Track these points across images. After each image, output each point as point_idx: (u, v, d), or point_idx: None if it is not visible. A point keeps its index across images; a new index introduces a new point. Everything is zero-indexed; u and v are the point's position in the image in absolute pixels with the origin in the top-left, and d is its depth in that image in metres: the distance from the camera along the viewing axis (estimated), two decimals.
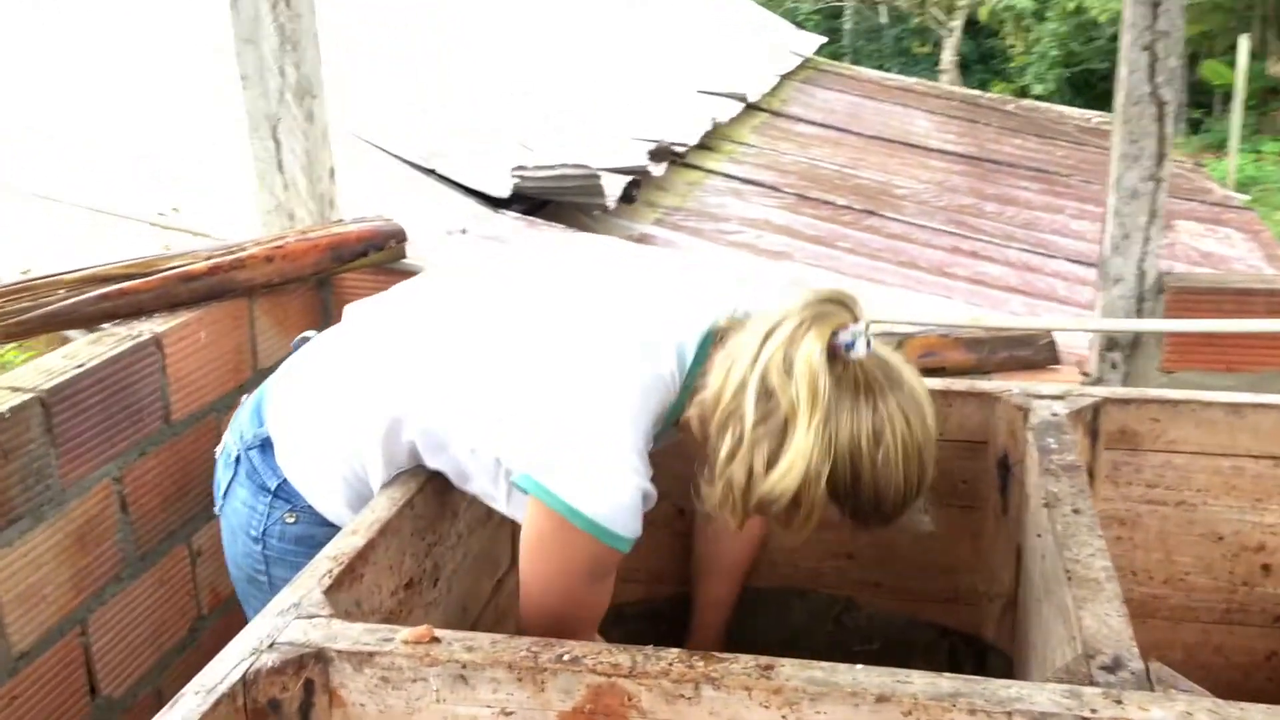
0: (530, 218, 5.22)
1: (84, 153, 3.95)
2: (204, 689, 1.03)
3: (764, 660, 1.05)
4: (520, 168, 5.44)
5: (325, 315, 2.35)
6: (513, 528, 1.77)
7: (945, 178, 7.49)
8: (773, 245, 6.49)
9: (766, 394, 1.22)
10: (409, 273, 2.31)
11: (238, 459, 1.47)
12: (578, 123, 7.15)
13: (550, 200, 5.50)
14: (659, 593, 1.86)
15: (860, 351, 1.23)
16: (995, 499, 1.67)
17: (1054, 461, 1.44)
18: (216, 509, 1.52)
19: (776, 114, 10.49)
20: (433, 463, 1.41)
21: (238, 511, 1.47)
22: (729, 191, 7.90)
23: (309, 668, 1.08)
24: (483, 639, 1.09)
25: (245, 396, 1.58)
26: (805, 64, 12.47)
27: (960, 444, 1.69)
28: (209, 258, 2.02)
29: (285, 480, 1.44)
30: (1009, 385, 1.66)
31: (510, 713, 1.07)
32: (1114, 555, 1.64)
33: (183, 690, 1.03)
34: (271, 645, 1.09)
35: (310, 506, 1.44)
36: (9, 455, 1.57)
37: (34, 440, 1.61)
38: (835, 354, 1.22)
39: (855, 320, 1.24)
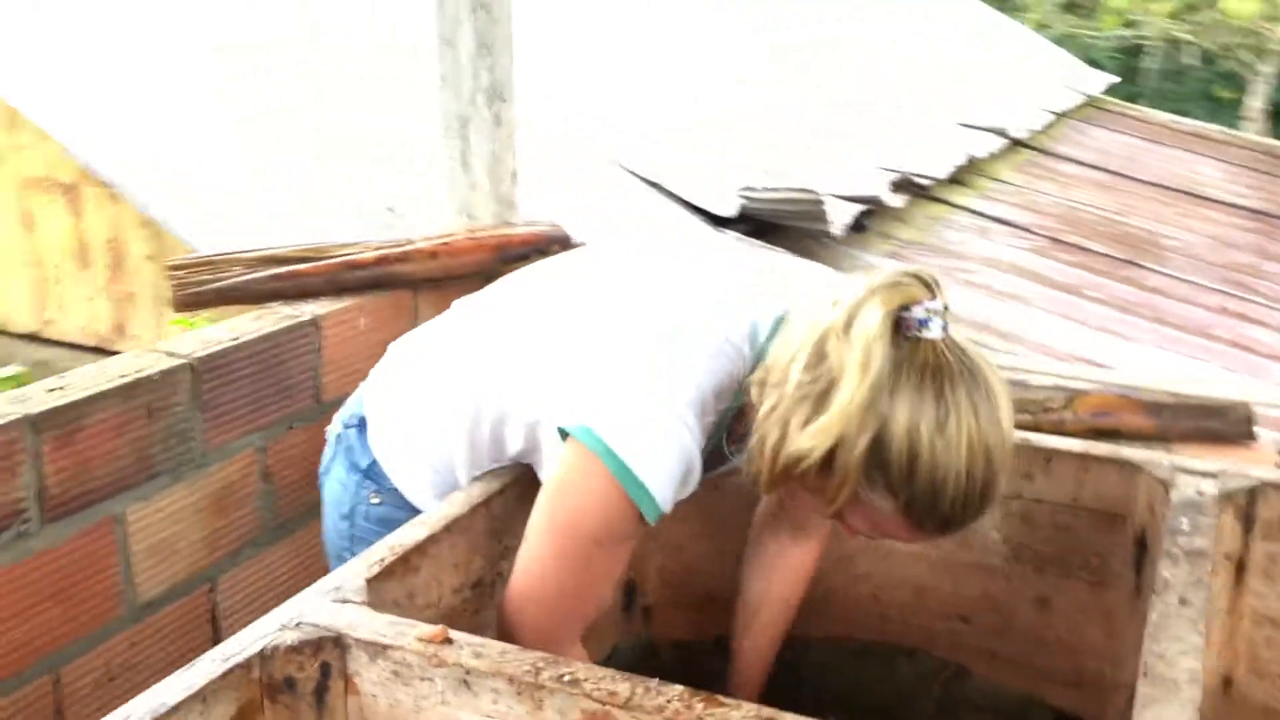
0: (752, 239, 5.21)
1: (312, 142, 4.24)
2: (222, 657, 1.06)
3: (766, 711, 0.98)
4: (748, 188, 5.42)
5: None
6: None
7: (1225, 232, 6.94)
8: (1010, 288, 6.19)
9: (820, 356, 1.17)
10: None
11: (339, 436, 1.53)
12: (819, 146, 7.07)
13: (776, 224, 5.46)
14: None
15: (934, 332, 1.15)
16: (1130, 578, 1.51)
17: (1179, 544, 1.28)
18: (320, 484, 1.58)
19: (1044, 152, 10.01)
20: (512, 449, 1.41)
21: (332, 488, 1.52)
22: (974, 229, 7.60)
23: (327, 651, 1.10)
24: (494, 647, 1.07)
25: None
26: (1088, 102, 11.85)
27: (1097, 514, 1.54)
28: (377, 249, 2.11)
29: (375, 461, 1.47)
30: (1158, 456, 1.50)
31: None
32: (1263, 660, 1.46)
33: (205, 654, 1.07)
34: (297, 625, 1.11)
35: (396, 489, 1.47)
36: (154, 414, 1.68)
37: (180, 403, 1.73)
38: (904, 328, 1.15)
39: (933, 298, 1.16)
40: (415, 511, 1.44)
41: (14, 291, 4.39)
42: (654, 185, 5.39)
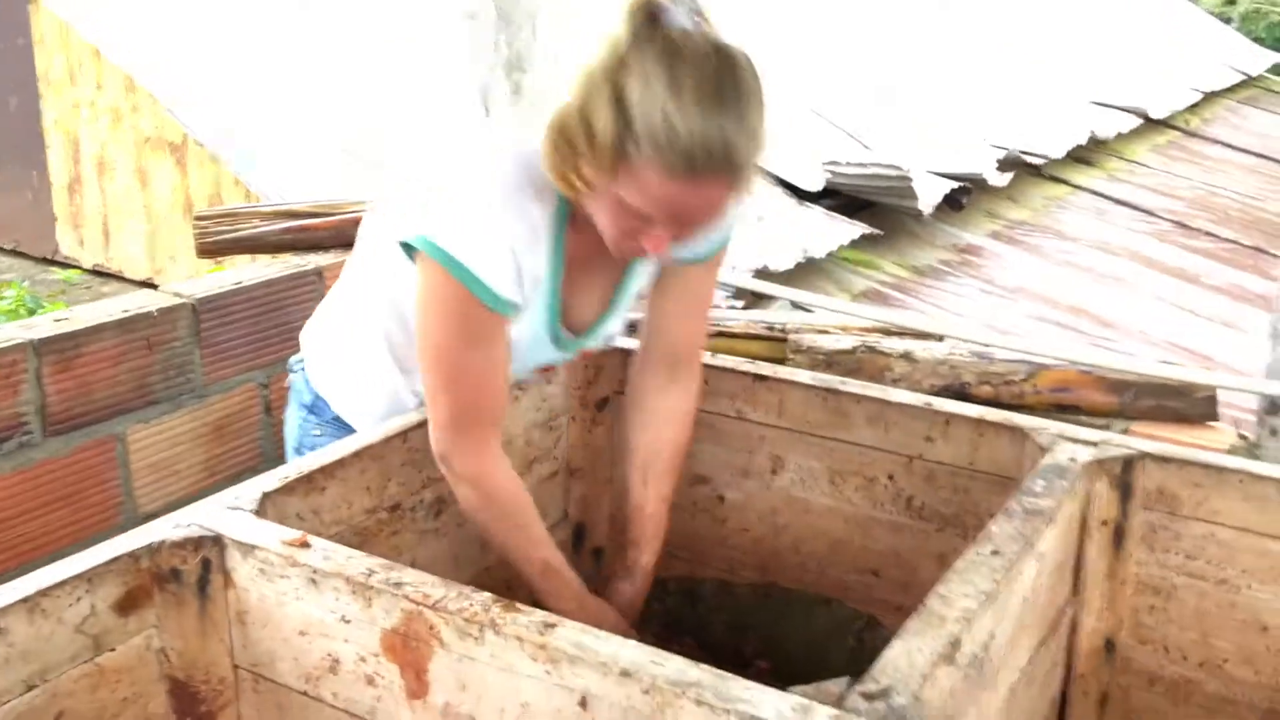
0: (838, 215, 5.22)
1: None
2: (113, 548, 1.24)
3: (551, 619, 1.10)
4: (833, 162, 5.44)
5: None
6: (564, 481, 1.88)
7: None
8: (1116, 271, 6.03)
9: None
10: None
11: (289, 380, 1.70)
12: (923, 119, 6.98)
13: (864, 199, 5.45)
14: (700, 573, 1.90)
15: (681, 20, 1.28)
16: None
17: (1023, 503, 1.35)
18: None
19: (1189, 133, 9.64)
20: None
21: (286, 428, 1.70)
22: (1092, 210, 7.41)
23: (207, 548, 1.26)
24: (340, 552, 1.22)
25: None
26: (1249, 82, 11.30)
27: (990, 476, 1.60)
28: None
29: (316, 395, 1.64)
30: (1045, 424, 1.55)
31: (348, 620, 1.19)
32: (1146, 627, 1.51)
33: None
34: (189, 525, 1.28)
35: (338, 418, 1.63)
36: (153, 348, 1.89)
37: (179, 339, 1.93)
38: (659, 24, 1.29)
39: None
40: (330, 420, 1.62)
41: (130, 242, 4.77)
42: None
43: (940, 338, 2.26)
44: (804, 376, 1.77)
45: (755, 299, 3.99)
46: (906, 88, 7.51)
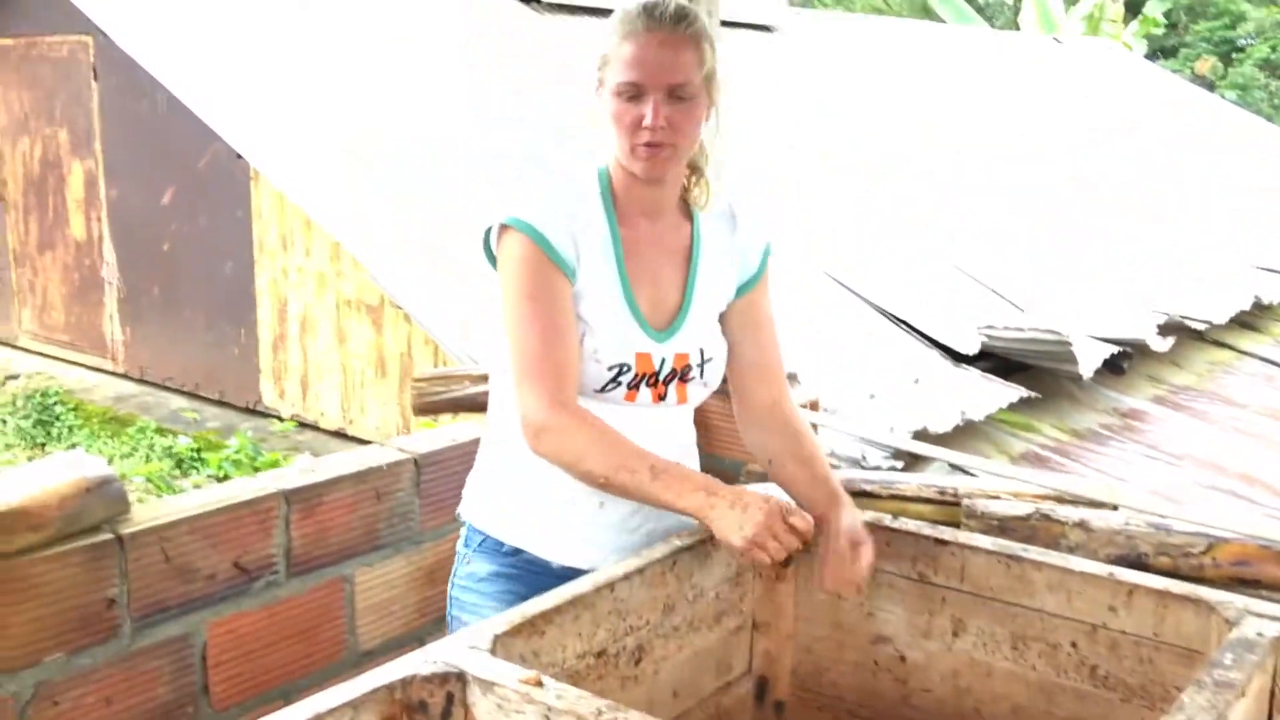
0: (995, 377, 5.27)
1: None
2: (373, 679, 1.40)
3: None
4: (989, 326, 5.51)
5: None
6: (749, 636, 1.98)
7: None
8: None
9: None
10: None
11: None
12: (1079, 283, 6.99)
13: (1021, 362, 5.49)
14: None
15: None
16: None
17: (1213, 675, 1.40)
18: None
19: None
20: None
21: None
22: (1260, 376, 7.24)
23: (451, 684, 1.41)
24: (571, 692, 1.36)
25: None
26: None
27: (1176, 649, 1.64)
28: None
29: (467, 525, 1.84)
30: (1233, 598, 1.60)
31: None
32: None
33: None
34: (434, 661, 1.44)
35: (483, 534, 1.80)
36: (381, 498, 2.09)
37: (403, 490, 2.13)
38: None
39: None
40: (499, 552, 1.78)
41: (326, 395, 5.14)
42: (888, 315, 5.57)
43: (1114, 506, 2.31)
44: (984, 542, 1.85)
45: (914, 460, 4.05)
46: (1060, 248, 7.56)
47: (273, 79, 5.97)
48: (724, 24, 8.90)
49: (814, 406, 2.60)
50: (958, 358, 5.30)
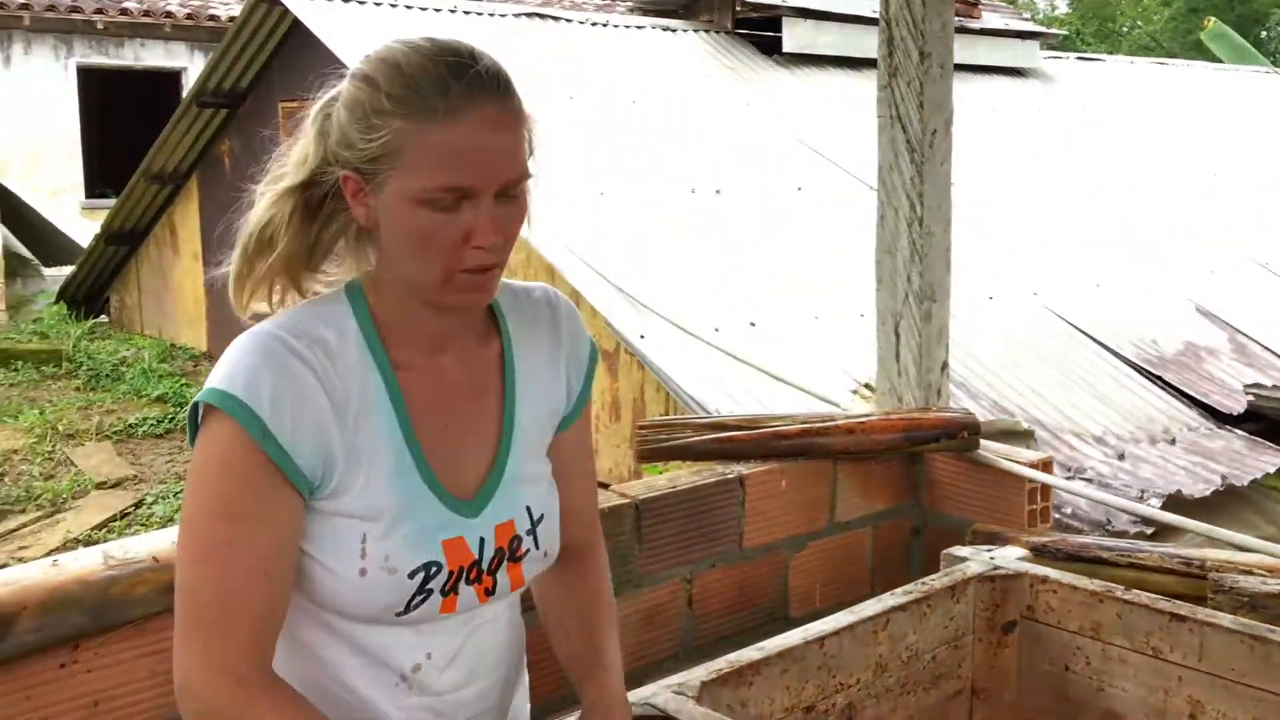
0: (1263, 441, 4.89)
1: None
2: None
3: None
4: (1256, 385, 5.12)
5: (914, 488, 2.67)
6: (969, 702, 1.93)
7: None
8: None
9: None
10: (982, 464, 2.54)
11: None
12: None
13: None
14: None
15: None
16: None
17: None
18: None
19: None
20: None
21: None
22: None
23: None
24: None
25: None
26: None
27: None
28: (803, 423, 2.48)
29: None
30: None
31: None
32: None
33: None
34: (642, 704, 1.48)
35: None
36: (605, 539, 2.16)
37: (625, 534, 2.19)
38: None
39: None
40: None
41: None
42: (1142, 371, 5.26)
43: None
44: (1226, 620, 1.73)
45: (1165, 528, 3.81)
46: None
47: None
48: (979, 68, 8.71)
49: (1046, 467, 2.51)
50: (1221, 418, 4.95)
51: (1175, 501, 4.09)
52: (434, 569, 1.19)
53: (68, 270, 10.66)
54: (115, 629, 1.49)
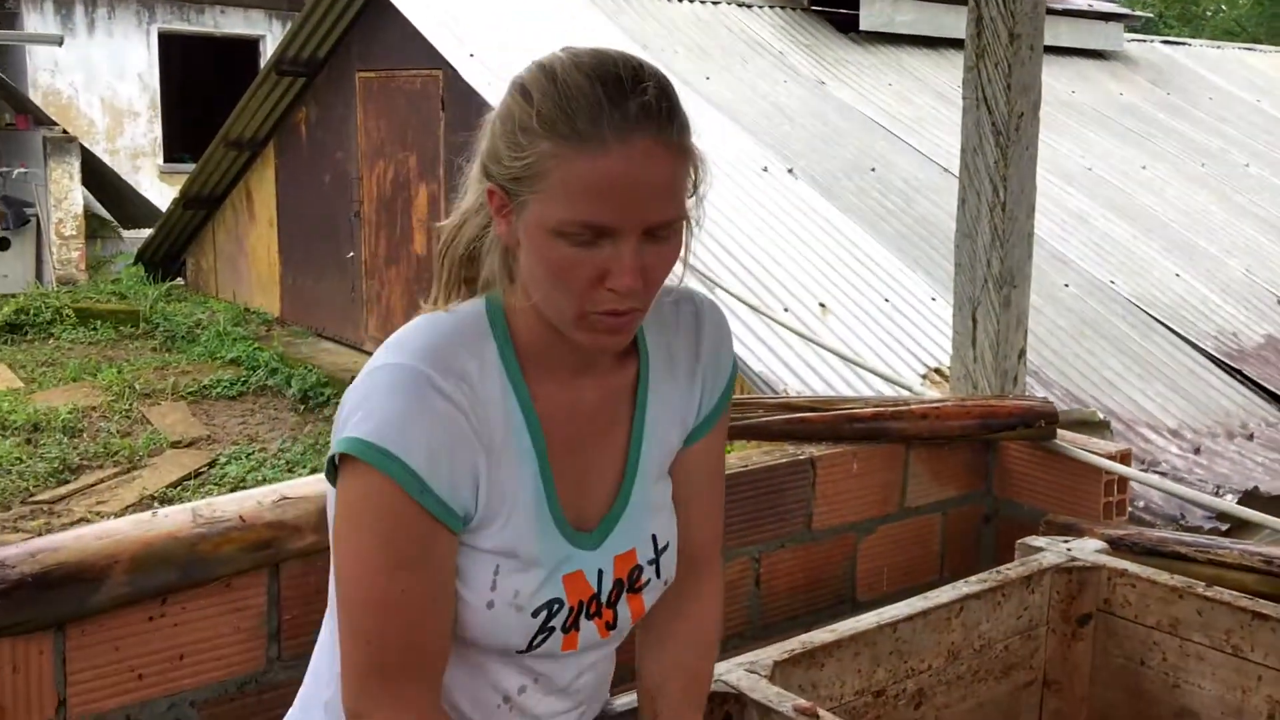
0: None
1: None
2: None
3: None
4: None
5: (986, 475, 2.64)
6: (1040, 694, 1.91)
7: None
8: None
9: None
10: (1058, 454, 2.50)
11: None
12: None
13: None
14: None
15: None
16: None
17: None
18: None
19: None
20: None
21: None
22: None
23: (730, 704, 1.46)
24: None
25: None
26: None
27: None
28: (877, 406, 2.46)
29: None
30: None
31: None
32: None
33: None
34: (716, 681, 1.48)
35: None
36: None
37: None
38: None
39: None
40: None
41: None
42: (1202, 349, 5.15)
43: None
44: None
45: (1241, 525, 3.73)
46: None
47: None
48: (1061, 50, 8.57)
49: (1124, 459, 2.46)
50: None
51: (1252, 498, 4.00)
52: (556, 606, 1.16)
53: (146, 233, 10.90)
54: (202, 585, 1.53)
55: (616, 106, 1.03)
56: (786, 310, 4.85)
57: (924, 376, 4.32)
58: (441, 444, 1.07)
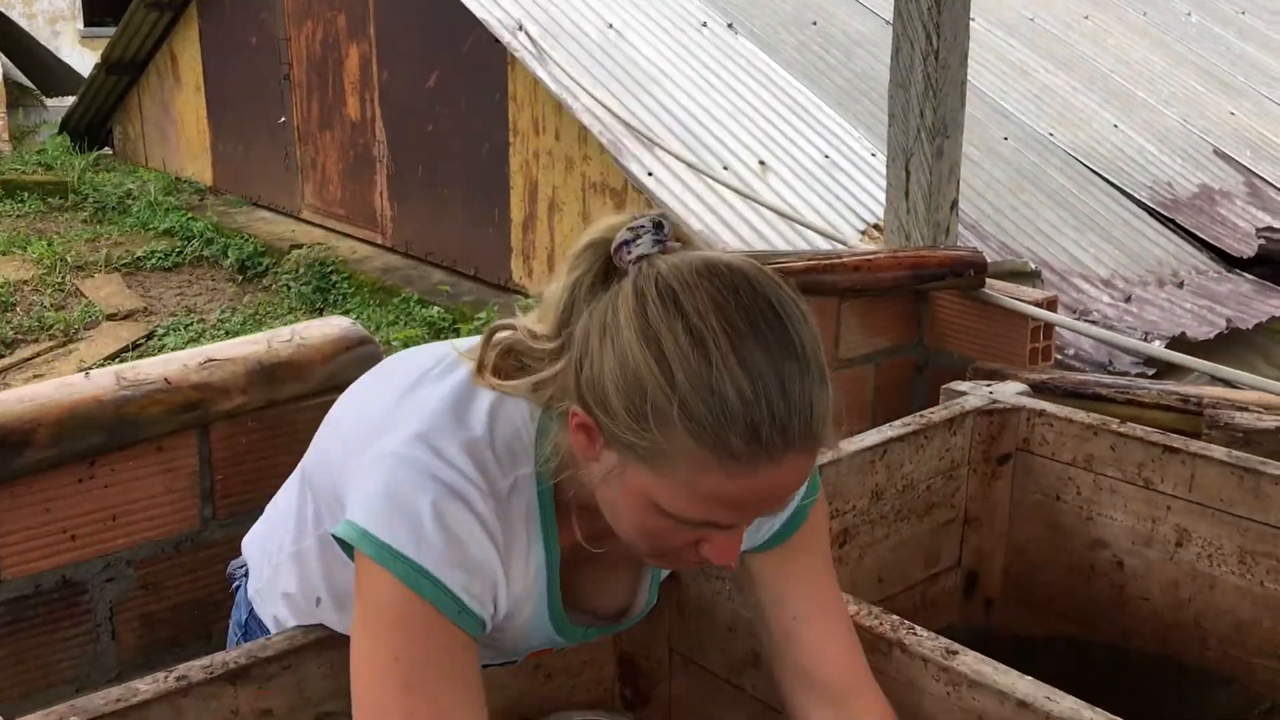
0: (1271, 284, 4.88)
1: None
2: None
3: (954, 646, 1.23)
4: (1269, 229, 5.08)
5: (918, 326, 2.68)
6: (960, 530, 1.98)
7: None
8: None
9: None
10: (988, 303, 2.55)
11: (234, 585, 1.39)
12: None
13: None
14: (1090, 637, 1.93)
15: (645, 248, 0.95)
16: None
17: None
18: None
19: None
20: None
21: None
22: None
23: None
24: None
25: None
26: None
27: None
28: (809, 259, 2.48)
29: (253, 612, 1.31)
30: None
31: None
32: None
33: None
34: None
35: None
36: None
37: None
38: (618, 261, 0.96)
39: (636, 221, 0.98)
40: None
41: None
42: (1138, 200, 5.21)
43: None
44: (1219, 452, 1.77)
45: (1168, 369, 3.84)
46: None
47: None
48: None
49: (1050, 305, 2.51)
50: (1231, 261, 4.93)
51: (1179, 344, 4.11)
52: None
53: (69, 101, 10.51)
54: (130, 447, 1.53)
55: (779, 430, 0.90)
56: (726, 169, 4.82)
57: (863, 233, 4.34)
58: (478, 566, 1.00)
